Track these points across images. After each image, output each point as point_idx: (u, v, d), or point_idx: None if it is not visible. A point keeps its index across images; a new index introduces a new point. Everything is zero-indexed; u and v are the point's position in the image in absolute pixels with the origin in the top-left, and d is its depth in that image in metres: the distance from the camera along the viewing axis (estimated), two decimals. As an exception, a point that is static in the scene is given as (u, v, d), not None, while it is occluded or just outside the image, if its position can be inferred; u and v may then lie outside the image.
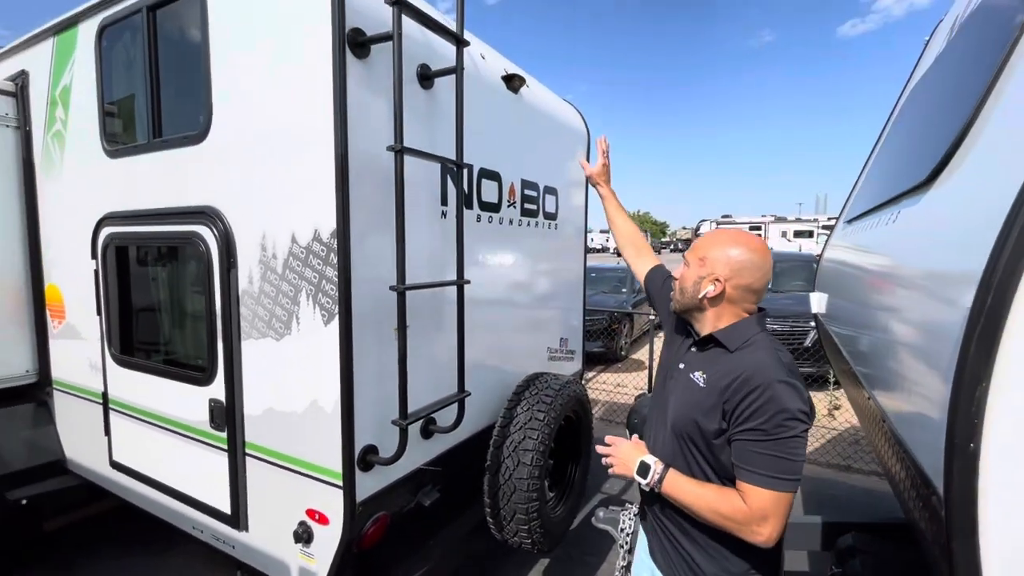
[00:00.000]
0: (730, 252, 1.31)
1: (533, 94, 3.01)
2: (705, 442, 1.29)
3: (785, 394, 1.17)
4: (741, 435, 1.21)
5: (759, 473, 1.17)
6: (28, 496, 2.80)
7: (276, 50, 1.85)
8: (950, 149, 1.12)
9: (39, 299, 2.99)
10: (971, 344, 0.69)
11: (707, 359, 1.35)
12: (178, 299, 2.52)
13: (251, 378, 2.07)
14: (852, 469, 4.64)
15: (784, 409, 1.16)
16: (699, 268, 1.35)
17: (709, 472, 1.31)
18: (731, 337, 1.31)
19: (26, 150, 2.92)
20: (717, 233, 1.41)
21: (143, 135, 2.33)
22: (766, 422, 1.16)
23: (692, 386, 1.35)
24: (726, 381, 1.25)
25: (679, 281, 1.42)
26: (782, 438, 1.16)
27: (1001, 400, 0.70)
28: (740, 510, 1.18)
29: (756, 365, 1.22)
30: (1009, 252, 0.66)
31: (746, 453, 1.20)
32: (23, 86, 2.89)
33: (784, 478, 1.16)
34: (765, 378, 1.19)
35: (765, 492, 1.16)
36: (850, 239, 2.34)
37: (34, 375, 3.05)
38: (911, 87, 2.62)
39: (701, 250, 1.37)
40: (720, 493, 1.24)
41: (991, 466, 0.71)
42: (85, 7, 2.49)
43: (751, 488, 1.18)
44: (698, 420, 1.29)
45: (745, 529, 1.18)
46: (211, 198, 2.09)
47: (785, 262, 9.10)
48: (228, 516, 2.16)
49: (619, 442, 1.45)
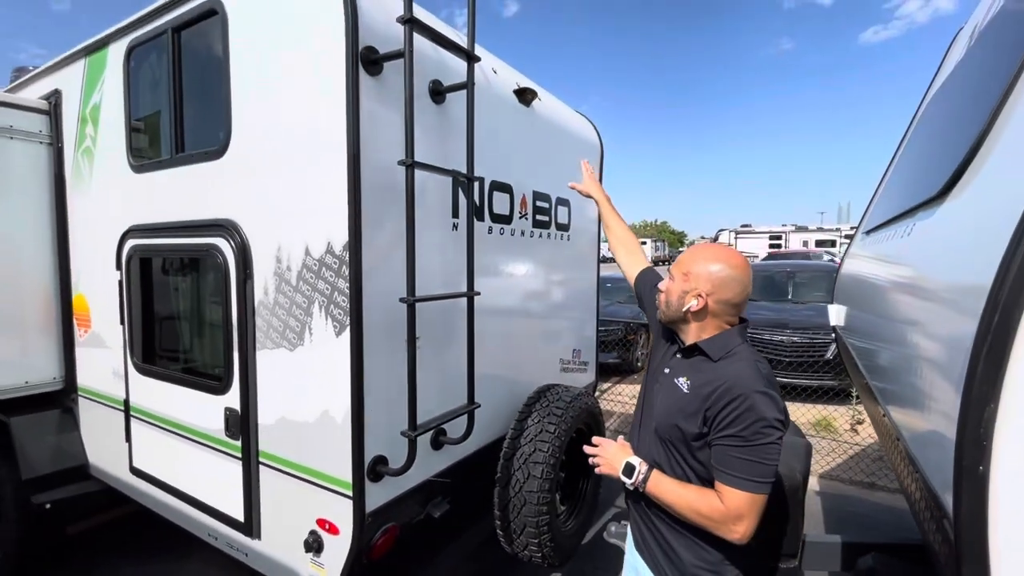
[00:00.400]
0: (711, 268, 1.40)
1: (546, 107, 3.04)
2: (686, 444, 1.38)
3: (762, 403, 1.26)
4: (721, 440, 1.30)
5: (736, 476, 1.26)
6: (52, 500, 2.88)
7: (291, 68, 1.91)
8: (963, 162, 1.10)
9: (67, 309, 3.10)
10: (978, 363, 0.67)
11: (691, 366, 1.44)
12: (197, 309, 2.58)
13: (265, 388, 2.10)
14: (876, 487, 4.50)
15: (762, 417, 1.25)
16: (683, 283, 1.43)
17: (689, 472, 1.40)
18: (714, 347, 1.40)
19: (58, 166, 3.04)
20: (700, 248, 1.48)
21: (166, 150, 2.42)
22: (744, 429, 1.26)
23: (676, 391, 1.44)
24: (708, 389, 1.34)
25: (664, 294, 1.49)
26: (758, 444, 1.25)
27: (1010, 422, 0.67)
28: (717, 509, 1.28)
29: (737, 375, 1.31)
30: (1016, 268, 0.65)
31: (725, 457, 1.29)
32: (56, 104, 3.02)
33: (759, 481, 1.25)
34: (745, 388, 1.28)
35: (741, 494, 1.25)
36: (867, 251, 2.29)
37: (61, 382, 3.14)
38: (930, 96, 2.58)
39: (685, 265, 1.45)
40: (700, 493, 1.33)
41: (1001, 489, 0.68)
42: (115, 29, 2.61)
43: (728, 489, 1.27)
44: (680, 424, 1.38)
45: (722, 527, 1.28)
46: (229, 211, 2.15)
47: (806, 272, 8.93)
48: (241, 524, 2.19)
49: (606, 443, 1.56)
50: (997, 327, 0.66)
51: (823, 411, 5.69)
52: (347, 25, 1.71)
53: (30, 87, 3.27)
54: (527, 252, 2.91)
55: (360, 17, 1.73)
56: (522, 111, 2.77)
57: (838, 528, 3.85)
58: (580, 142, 3.50)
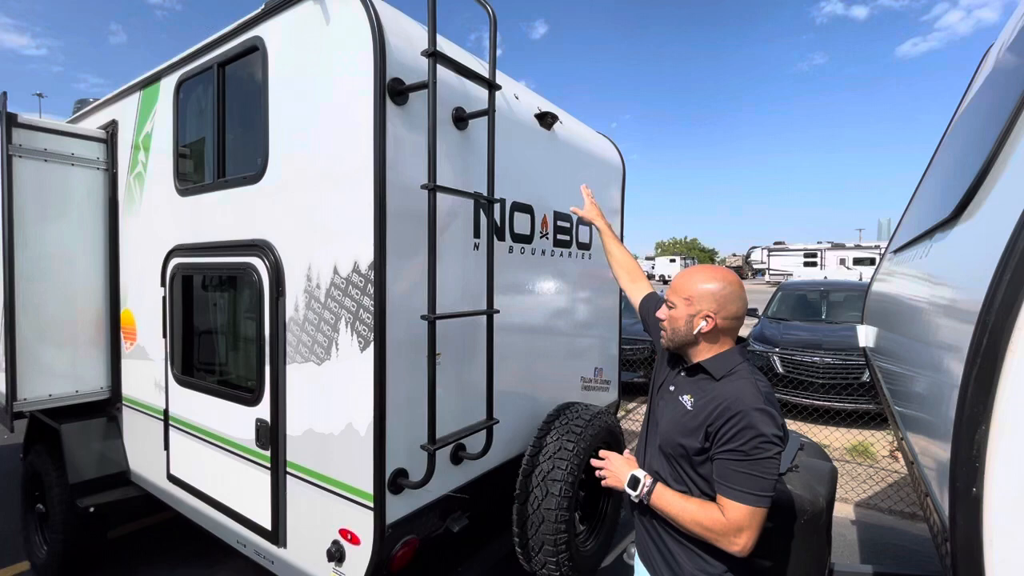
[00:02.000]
0: (711, 287, 1.46)
1: (567, 129, 3.11)
2: (688, 459, 1.43)
3: (761, 420, 1.32)
4: (722, 455, 1.35)
5: (737, 489, 1.31)
6: (96, 504, 3.03)
7: (324, 99, 2.04)
8: (973, 183, 1.10)
9: (115, 323, 3.30)
10: (969, 383, 0.68)
11: (695, 384, 1.50)
12: (232, 324, 2.72)
13: (294, 400, 2.20)
14: (919, 517, 4.27)
15: (760, 433, 1.31)
16: (687, 308, 1.49)
17: (692, 486, 1.45)
18: (717, 367, 1.46)
19: (112, 190, 3.28)
20: (692, 272, 1.54)
21: (209, 175, 2.59)
22: (744, 444, 1.31)
23: (680, 408, 1.50)
24: (711, 407, 1.40)
25: (668, 323, 1.54)
26: (758, 459, 1.31)
27: (1002, 444, 0.67)
28: (719, 522, 1.32)
29: (737, 393, 1.38)
30: (1004, 290, 0.65)
31: (726, 471, 1.34)
32: (112, 133, 3.27)
33: (759, 494, 1.30)
34: (745, 405, 1.34)
35: (742, 507, 1.30)
36: (893, 271, 2.25)
37: (107, 391, 3.34)
38: (959, 113, 2.53)
39: (684, 290, 1.50)
40: (702, 507, 1.37)
41: (995, 513, 0.68)
42: (167, 65, 2.83)
43: (730, 503, 1.32)
44: (682, 440, 1.44)
45: (723, 539, 1.32)
46: (264, 232, 2.28)
47: (840, 291, 8.65)
48: (268, 532, 2.27)
49: (612, 456, 1.61)
50: (986, 348, 0.67)
51: (860, 436, 5.47)
52: (375, 59, 1.82)
53: (90, 117, 3.55)
54: (548, 271, 2.95)
55: (388, 51, 1.84)
56: (543, 134, 2.85)
57: (873, 559, 3.67)
58: (602, 163, 3.55)
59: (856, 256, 30.16)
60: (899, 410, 1.57)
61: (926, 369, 1.12)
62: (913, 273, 1.54)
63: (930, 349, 1.09)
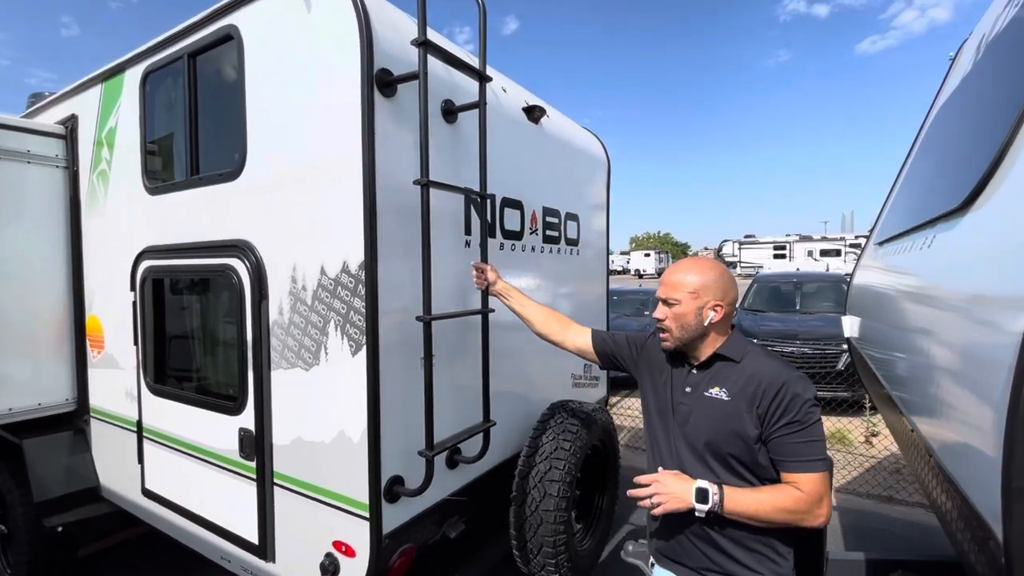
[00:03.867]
0: (713, 277, 1.46)
1: (554, 123, 3.06)
2: (748, 450, 1.37)
3: (803, 386, 1.34)
4: (778, 432, 1.33)
5: (807, 460, 1.30)
6: (64, 523, 2.86)
7: (307, 91, 1.93)
8: (986, 173, 1.09)
9: (80, 330, 3.11)
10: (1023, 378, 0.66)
11: (716, 375, 1.47)
12: (210, 330, 2.59)
13: (280, 408, 2.10)
14: (895, 500, 4.41)
15: (807, 399, 1.33)
16: (694, 301, 1.45)
17: (753, 480, 1.40)
18: (733, 350, 1.46)
19: (73, 189, 3.08)
20: (688, 266, 1.51)
21: (181, 173, 2.45)
22: (797, 414, 1.32)
23: (714, 402, 1.43)
24: (751, 388, 1.38)
25: (672, 321, 1.48)
26: (811, 424, 1.32)
27: (1060, 440, 0.66)
28: (802, 499, 1.29)
29: (769, 368, 1.39)
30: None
31: (789, 447, 1.32)
32: (72, 129, 3.07)
33: (824, 459, 1.32)
34: (782, 377, 1.35)
35: (815, 475, 1.29)
36: (883, 262, 2.28)
37: (73, 403, 3.15)
38: (938, 107, 2.58)
39: (686, 285, 1.46)
40: (776, 491, 1.33)
41: None
42: (131, 55, 2.66)
43: (804, 476, 1.30)
44: (737, 430, 1.37)
45: (808, 516, 1.30)
46: (244, 232, 2.16)
47: (812, 282, 8.88)
48: (255, 546, 2.16)
49: (659, 477, 1.41)
50: (1043, 344, 0.65)
51: (837, 423, 5.62)
52: (362, 49, 1.73)
53: (47, 112, 3.33)
54: (538, 267, 2.91)
55: (375, 41, 1.76)
56: (531, 128, 2.80)
57: (858, 544, 3.77)
58: (588, 158, 3.52)
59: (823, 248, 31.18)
60: (908, 399, 1.58)
61: (952, 362, 1.12)
62: (917, 263, 1.55)
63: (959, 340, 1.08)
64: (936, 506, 1.38)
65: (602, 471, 3.02)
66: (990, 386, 0.79)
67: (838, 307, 7.63)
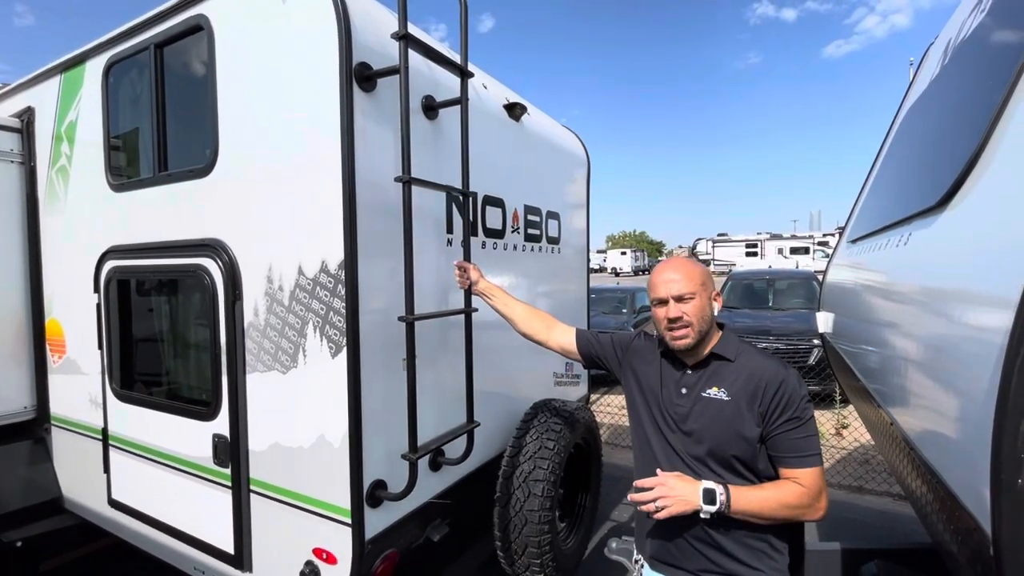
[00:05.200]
0: (705, 271, 1.49)
1: (534, 121, 3.05)
2: (750, 450, 1.37)
3: (796, 381, 1.37)
4: (780, 429, 1.34)
5: (808, 455, 1.33)
6: (24, 537, 2.72)
7: (283, 84, 1.87)
8: (962, 173, 1.12)
9: (39, 334, 2.96)
10: (1012, 375, 0.67)
11: (713, 375, 1.46)
12: (181, 332, 2.49)
13: (256, 412, 2.03)
14: (865, 490, 4.55)
15: (803, 395, 1.36)
16: (705, 292, 1.45)
17: (754, 480, 1.40)
18: (728, 349, 1.46)
19: (30, 185, 2.92)
20: (683, 262, 1.51)
21: (148, 169, 2.34)
22: (796, 410, 1.34)
23: (714, 403, 1.42)
24: (750, 387, 1.38)
25: (693, 314, 1.42)
26: (809, 419, 1.35)
27: (1047, 433, 0.68)
28: (804, 494, 1.31)
29: (764, 366, 1.40)
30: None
31: (789, 443, 1.34)
32: (29, 122, 2.92)
33: (820, 452, 1.35)
34: (781, 374, 1.37)
35: (816, 470, 1.32)
36: (857, 259, 2.34)
37: (32, 411, 2.99)
38: (906, 109, 2.66)
39: (696, 276, 1.45)
40: (777, 487, 1.34)
41: None
42: (92, 45, 2.53)
43: (804, 471, 1.32)
44: (739, 430, 1.37)
45: (810, 510, 1.32)
46: (216, 231, 2.08)
47: (784, 280, 9.11)
48: (231, 556, 2.09)
49: (663, 480, 1.34)
50: (1030, 339, 0.67)
51: (809, 416, 5.78)
52: (340, 42, 1.68)
53: (1, 105, 3.15)
54: (520, 266, 2.89)
55: (354, 33, 1.71)
56: (512, 126, 2.78)
57: (831, 534, 3.87)
58: (568, 156, 3.52)
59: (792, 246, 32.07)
60: (886, 393, 1.62)
61: (936, 356, 1.14)
62: (893, 261, 1.58)
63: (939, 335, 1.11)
64: (913, 496, 1.42)
65: (585, 469, 3.03)
66: (975, 380, 0.81)
67: (809, 303, 7.85)
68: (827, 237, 31.78)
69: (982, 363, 0.79)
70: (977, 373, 0.81)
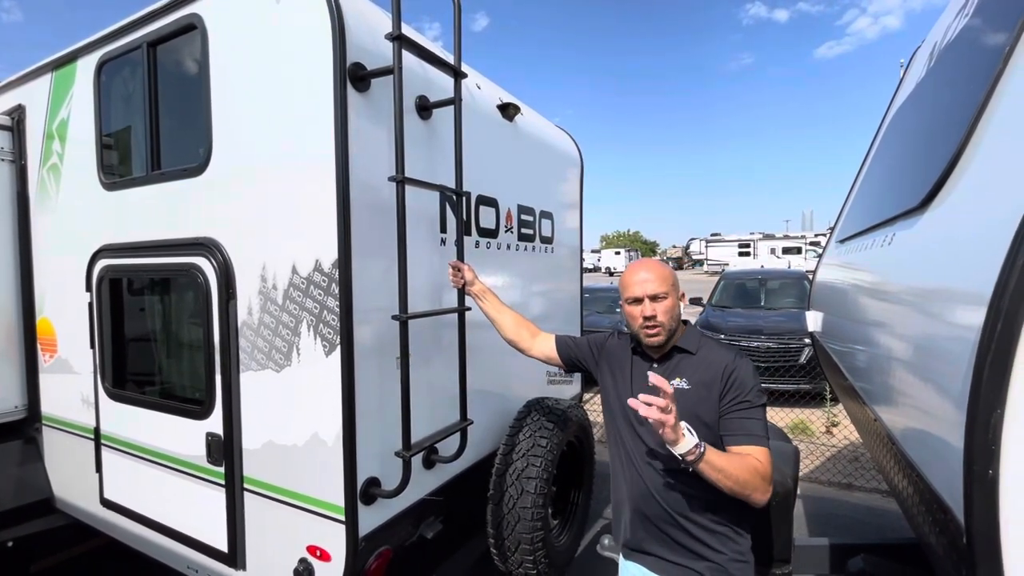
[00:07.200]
0: (673, 273, 1.58)
1: (527, 121, 3.07)
2: (710, 435, 1.42)
3: (749, 369, 1.46)
4: (733, 409, 1.41)
5: (758, 435, 1.38)
6: (15, 538, 2.70)
7: (277, 84, 1.88)
8: (943, 174, 1.15)
9: (30, 333, 2.94)
10: (983, 370, 0.70)
11: (676, 367, 1.54)
12: (175, 331, 2.49)
13: (250, 411, 2.03)
14: (854, 487, 4.61)
15: (755, 383, 1.44)
16: (674, 292, 1.56)
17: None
18: (691, 342, 1.56)
19: (21, 184, 2.91)
20: (652, 263, 1.61)
21: (141, 168, 2.34)
22: (747, 394, 1.42)
23: (677, 392, 1.42)
24: (708, 375, 1.47)
25: (664, 314, 1.52)
26: (760, 405, 1.43)
27: (1017, 426, 0.70)
28: (758, 468, 1.34)
29: (721, 355, 1.50)
30: (1017, 275, 0.68)
31: (742, 423, 1.40)
32: (19, 120, 2.90)
33: (768, 438, 1.40)
34: (736, 362, 1.46)
35: (765, 451, 1.37)
36: (845, 259, 2.37)
37: (23, 410, 2.97)
38: (894, 110, 2.70)
39: (667, 278, 1.55)
40: (742, 457, 1.36)
41: (1011, 492, 0.71)
42: (84, 43, 2.52)
43: (756, 449, 1.36)
44: (700, 415, 1.44)
45: (759, 490, 1.33)
46: (210, 229, 2.08)
47: (776, 279, 9.19)
48: (225, 554, 2.09)
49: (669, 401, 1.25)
50: (1000, 334, 0.69)
51: (799, 415, 5.83)
52: (335, 42, 1.69)
53: (-10, 102, 3.13)
54: (513, 266, 2.91)
55: (348, 33, 1.72)
56: (505, 126, 2.79)
57: (821, 530, 3.92)
58: (561, 155, 3.54)
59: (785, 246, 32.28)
60: (870, 390, 1.65)
61: (914, 354, 1.17)
62: (878, 260, 1.62)
63: (919, 333, 1.14)
64: (897, 491, 1.45)
65: (578, 467, 3.05)
66: (951, 376, 0.84)
67: (800, 303, 7.91)
68: (819, 237, 32.01)
69: (957, 359, 0.81)
70: (953, 368, 0.84)
